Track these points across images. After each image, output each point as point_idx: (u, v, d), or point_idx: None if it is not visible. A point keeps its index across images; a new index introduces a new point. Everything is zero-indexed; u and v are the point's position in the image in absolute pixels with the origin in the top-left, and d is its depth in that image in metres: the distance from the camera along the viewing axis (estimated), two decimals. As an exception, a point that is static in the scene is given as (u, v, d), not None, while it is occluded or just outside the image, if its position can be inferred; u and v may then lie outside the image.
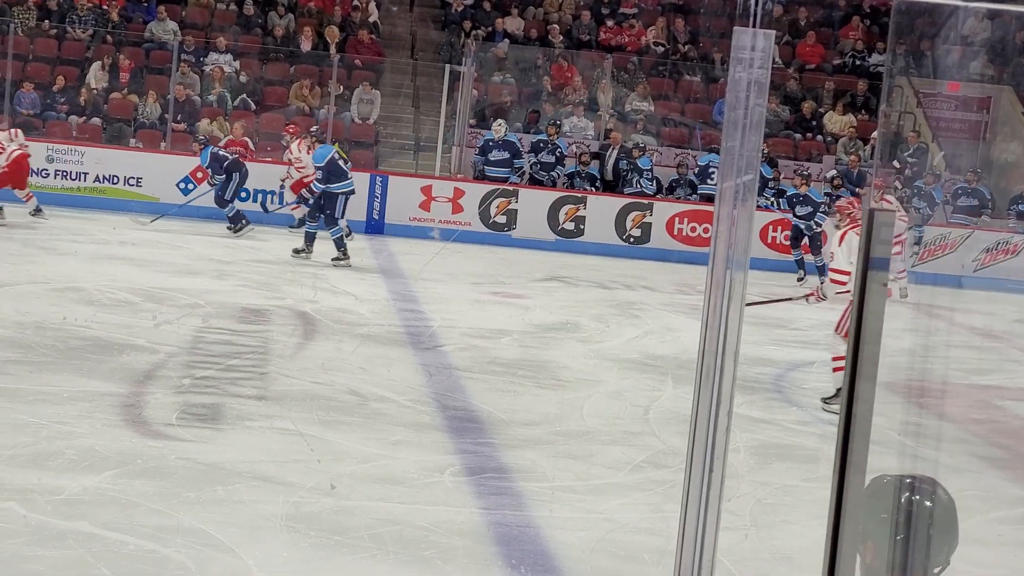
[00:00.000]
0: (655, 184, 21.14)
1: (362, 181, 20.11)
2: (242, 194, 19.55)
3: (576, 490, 7.95)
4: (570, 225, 20.33)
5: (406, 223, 19.94)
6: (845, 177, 21.15)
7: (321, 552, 6.51)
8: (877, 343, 2.40)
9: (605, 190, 21.14)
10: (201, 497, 7.12)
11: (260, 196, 19.77)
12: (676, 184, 21.32)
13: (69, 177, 19.65)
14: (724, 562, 6.50)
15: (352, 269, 16.21)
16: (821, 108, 23.73)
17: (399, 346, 11.91)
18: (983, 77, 23.69)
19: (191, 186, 18.79)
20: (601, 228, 20.22)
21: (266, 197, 19.83)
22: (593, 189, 21.00)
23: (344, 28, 23.90)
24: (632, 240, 20.29)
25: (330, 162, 16.40)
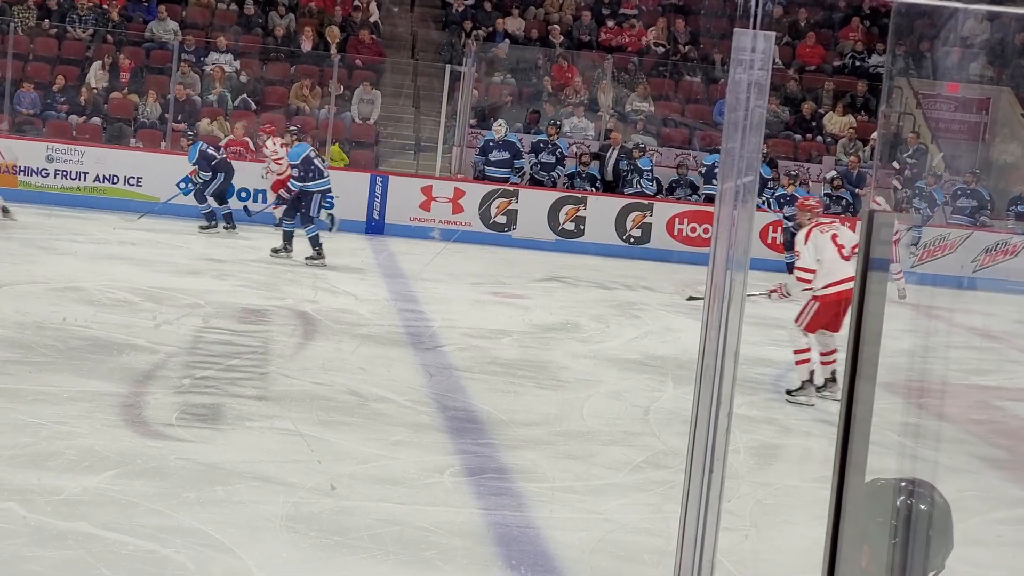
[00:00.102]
0: (655, 184, 21.15)
1: (362, 181, 20.15)
2: (242, 194, 19.57)
3: (576, 490, 7.95)
4: (570, 225, 20.33)
5: (406, 223, 19.94)
6: (845, 178, 21.17)
7: (321, 552, 6.51)
8: (877, 344, 2.40)
9: (605, 190, 21.14)
10: (201, 497, 7.11)
11: (260, 196, 19.76)
12: (676, 184, 21.32)
13: (69, 177, 19.65)
14: (724, 563, 6.50)
15: (349, 270, 16.20)
16: (821, 109, 23.74)
17: (399, 346, 11.91)
18: (982, 78, 23.71)
19: (191, 186, 18.78)
20: (601, 228, 20.23)
21: (256, 198, 19.78)
22: (593, 189, 21.00)
23: (345, 28, 23.91)
24: (632, 240, 20.30)
25: (305, 160, 16.39)
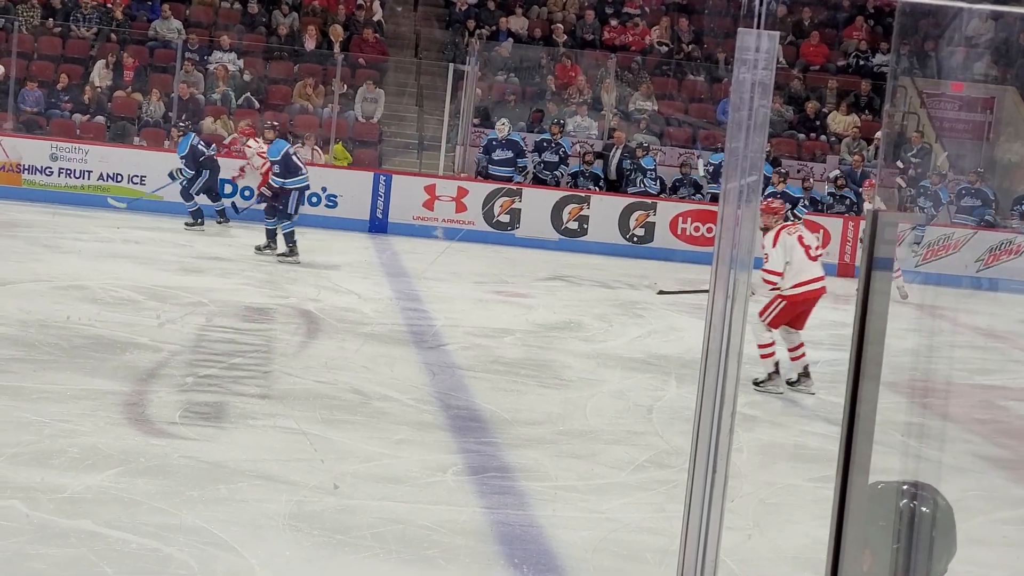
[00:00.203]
0: (658, 184, 21.14)
1: (366, 180, 20.15)
2: (246, 192, 19.55)
3: (579, 489, 7.94)
4: (573, 224, 20.32)
5: (410, 222, 19.93)
6: (848, 177, 21.15)
7: (324, 551, 6.51)
8: (881, 343, 2.40)
9: (609, 190, 21.13)
10: (204, 496, 7.11)
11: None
12: (679, 184, 21.31)
13: (73, 175, 19.64)
14: (727, 562, 6.50)
15: (352, 268, 16.20)
16: (825, 108, 23.73)
17: (402, 345, 11.91)
18: (987, 78, 23.69)
19: (181, 176, 18.76)
20: (604, 227, 20.21)
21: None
22: (597, 188, 20.99)
23: (348, 27, 23.92)
24: (636, 240, 20.28)
25: (285, 156, 16.40)
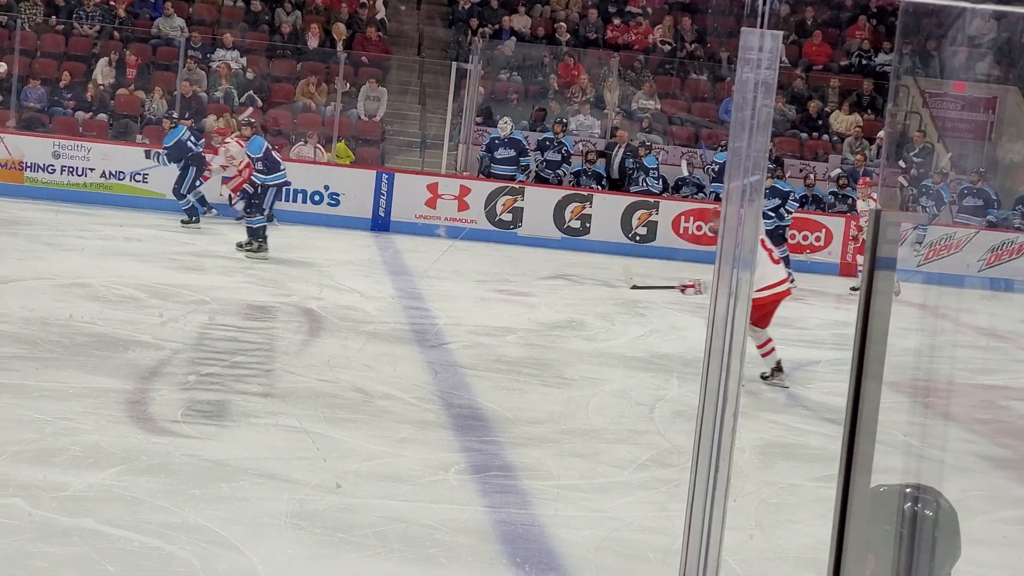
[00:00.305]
0: (661, 183, 21.13)
1: (368, 178, 20.15)
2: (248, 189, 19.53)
3: (581, 488, 7.95)
4: (576, 223, 20.32)
5: (412, 220, 19.93)
6: (850, 176, 21.13)
7: (326, 549, 6.51)
8: (883, 343, 2.39)
9: (611, 188, 21.13)
10: (206, 494, 7.12)
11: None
12: (682, 183, 21.30)
13: (75, 173, 19.64)
14: (729, 561, 6.50)
15: (354, 267, 16.21)
16: (827, 107, 23.72)
17: (405, 344, 11.91)
18: (989, 78, 23.68)
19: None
20: (607, 226, 20.21)
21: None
22: (599, 187, 20.99)
23: (351, 25, 23.92)
24: (638, 239, 20.27)
25: (266, 152, 16.43)
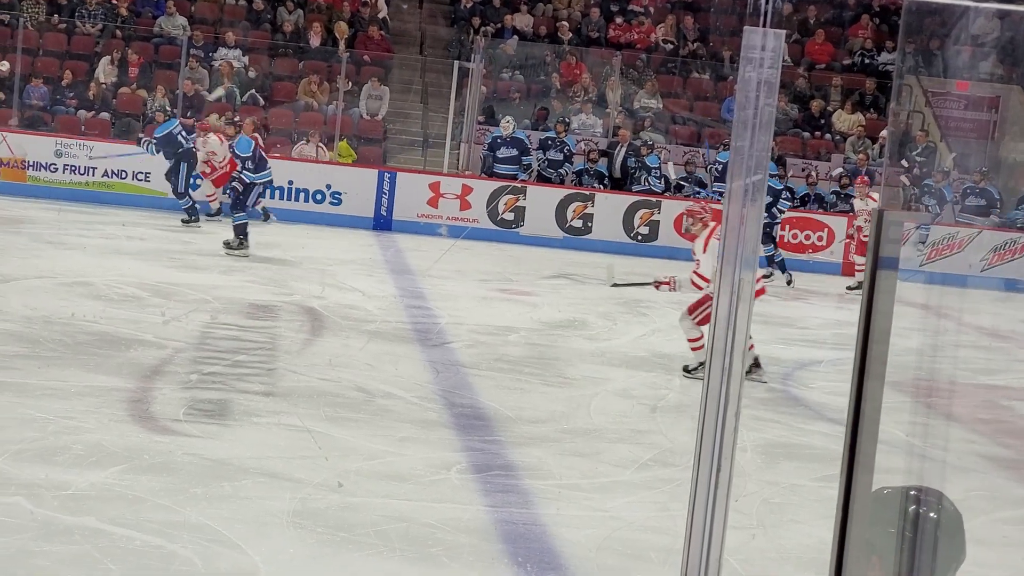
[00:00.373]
0: (663, 182, 21.12)
1: (370, 177, 20.16)
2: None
3: (583, 488, 7.94)
4: (578, 222, 20.31)
5: (414, 219, 19.93)
6: (853, 175, 21.12)
7: (327, 548, 6.51)
8: (886, 342, 2.39)
9: (613, 188, 21.12)
10: (208, 493, 7.12)
11: (269, 192, 19.73)
12: (684, 182, 21.30)
13: (77, 172, 19.64)
14: (731, 561, 6.49)
15: (356, 266, 16.21)
16: (830, 106, 23.71)
17: (406, 343, 11.91)
18: (992, 77, 23.66)
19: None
20: (609, 226, 20.20)
21: (271, 194, 19.81)
22: (601, 187, 20.98)
23: (353, 24, 23.92)
24: (640, 238, 20.27)
25: (256, 151, 16.43)
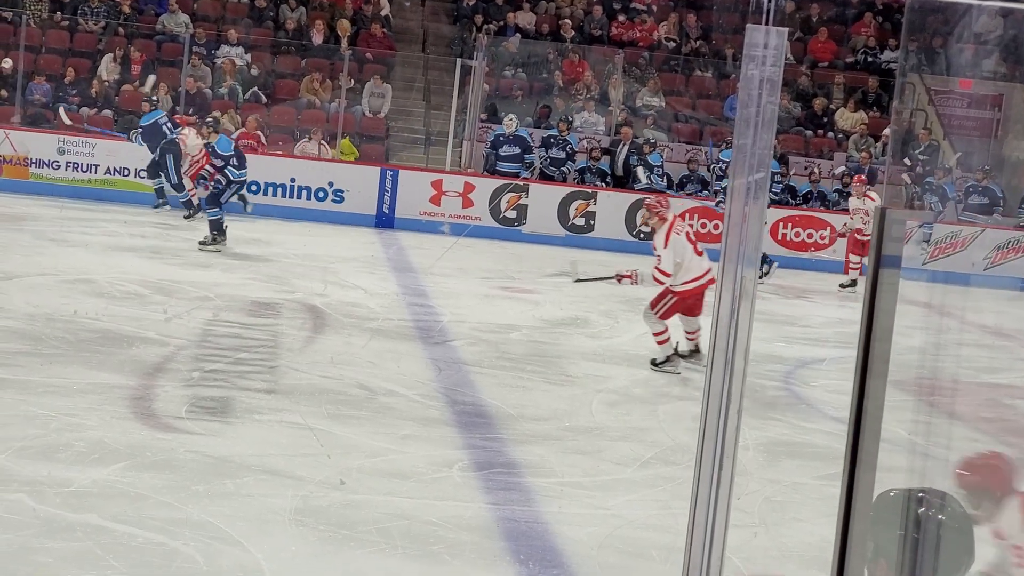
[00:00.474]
0: (665, 180, 21.11)
1: (372, 175, 20.15)
2: (252, 187, 19.57)
3: (585, 486, 7.94)
4: (580, 220, 20.31)
5: (416, 217, 19.92)
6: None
7: (329, 546, 6.51)
8: (888, 341, 2.39)
9: (615, 186, 21.12)
10: (210, 490, 7.12)
11: (271, 189, 19.76)
12: (687, 180, 21.29)
13: (80, 169, 19.64)
14: (733, 559, 6.49)
15: (358, 264, 16.21)
16: (832, 105, 23.69)
17: (408, 340, 11.90)
18: (995, 75, 23.64)
19: (139, 140, 18.77)
20: (611, 224, 20.19)
21: (269, 191, 19.80)
22: (603, 185, 20.97)
23: (356, 22, 23.91)
24: (642, 236, 20.21)
25: (237, 149, 16.46)
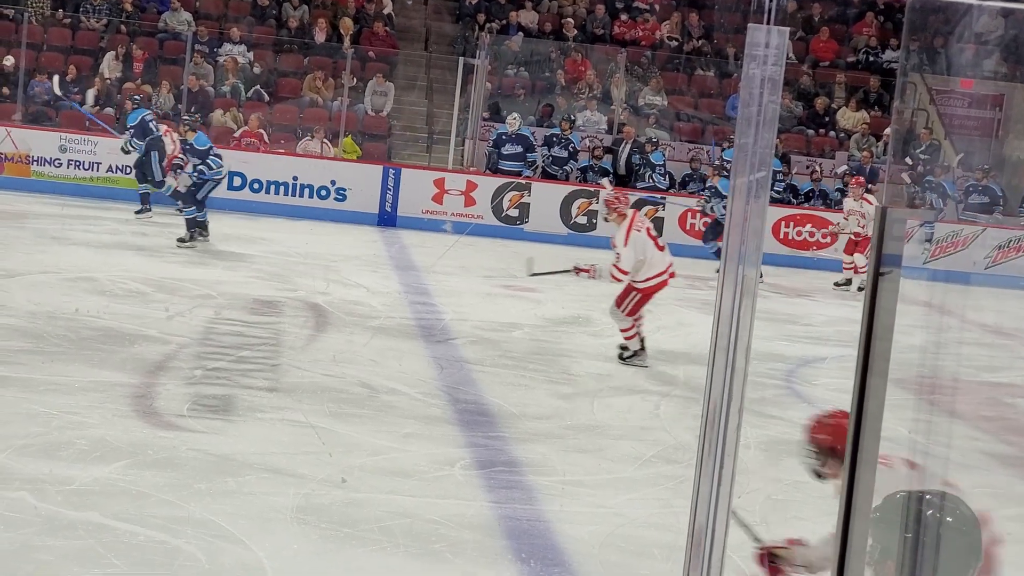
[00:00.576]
0: (667, 179, 21.12)
1: (375, 173, 20.16)
2: (255, 185, 19.59)
3: (586, 484, 7.95)
4: (583, 219, 20.31)
5: (419, 216, 19.93)
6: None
7: (331, 544, 6.52)
8: (889, 339, 2.40)
9: (618, 185, 21.10)
10: (212, 488, 7.13)
11: (273, 188, 19.77)
12: (689, 179, 21.30)
13: (82, 167, 19.65)
14: (734, 558, 6.49)
15: (361, 262, 16.21)
16: (834, 104, 23.69)
17: (410, 339, 11.91)
18: (996, 75, 23.64)
19: (130, 144, 18.77)
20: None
21: (269, 189, 19.78)
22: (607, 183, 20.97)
23: (358, 20, 23.91)
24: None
25: (210, 147, 16.47)
